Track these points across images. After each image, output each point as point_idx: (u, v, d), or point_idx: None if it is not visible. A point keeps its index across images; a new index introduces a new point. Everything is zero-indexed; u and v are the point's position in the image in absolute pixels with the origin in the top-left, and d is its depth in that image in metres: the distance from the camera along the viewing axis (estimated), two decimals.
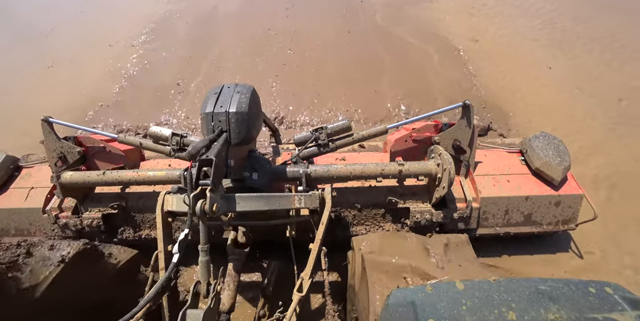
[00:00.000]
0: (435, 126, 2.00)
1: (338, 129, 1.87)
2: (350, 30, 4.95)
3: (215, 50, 4.75)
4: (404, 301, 0.94)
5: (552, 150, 2.05)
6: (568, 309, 0.82)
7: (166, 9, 5.79)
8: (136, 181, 1.89)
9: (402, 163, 1.81)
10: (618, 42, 4.38)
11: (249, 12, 5.59)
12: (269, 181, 1.73)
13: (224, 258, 1.64)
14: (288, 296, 1.36)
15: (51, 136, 1.95)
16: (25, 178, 2.25)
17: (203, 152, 1.37)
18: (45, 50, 5.09)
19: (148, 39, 5.11)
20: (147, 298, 1.22)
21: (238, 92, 1.59)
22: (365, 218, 2.05)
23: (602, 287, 0.87)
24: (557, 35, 4.64)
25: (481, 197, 1.97)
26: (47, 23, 5.69)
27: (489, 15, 5.16)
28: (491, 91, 3.82)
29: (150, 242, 2.05)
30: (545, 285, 0.89)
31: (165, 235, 1.50)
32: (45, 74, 4.56)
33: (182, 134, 1.88)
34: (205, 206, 1.26)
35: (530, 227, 2.08)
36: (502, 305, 0.85)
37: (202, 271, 1.33)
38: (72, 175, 1.92)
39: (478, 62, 4.26)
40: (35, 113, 2.17)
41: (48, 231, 2.11)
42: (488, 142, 2.35)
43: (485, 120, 3.28)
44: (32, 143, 3.03)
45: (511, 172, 2.11)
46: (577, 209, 2.06)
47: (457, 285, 0.93)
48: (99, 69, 4.54)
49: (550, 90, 3.79)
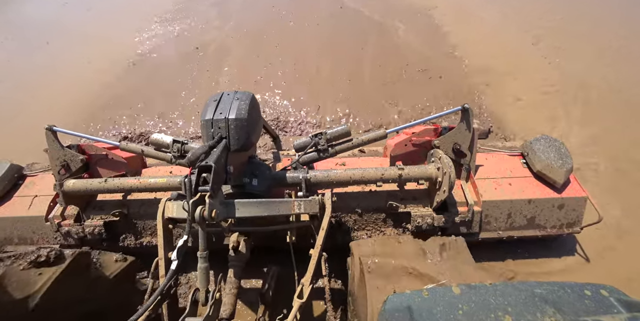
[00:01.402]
0: (434, 130, 2.00)
1: (337, 134, 1.88)
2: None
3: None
4: (401, 306, 0.93)
5: (553, 152, 2.04)
6: (564, 312, 0.81)
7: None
8: (138, 188, 1.91)
9: (402, 168, 1.80)
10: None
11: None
12: (269, 187, 1.74)
13: (223, 265, 1.63)
14: (288, 303, 1.35)
15: (55, 144, 1.98)
16: (29, 187, 2.28)
17: (202, 158, 1.39)
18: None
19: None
20: (146, 306, 1.22)
21: (237, 98, 1.61)
22: (366, 223, 2.04)
23: (598, 290, 0.87)
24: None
25: (483, 201, 1.95)
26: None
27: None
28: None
29: (152, 249, 2.05)
30: (541, 288, 0.89)
31: (166, 242, 1.50)
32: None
33: (183, 141, 1.90)
34: (204, 212, 1.26)
35: (534, 231, 2.05)
36: (498, 309, 0.85)
37: (201, 278, 1.33)
38: (74, 183, 1.94)
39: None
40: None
41: (51, 239, 2.12)
42: (489, 145, 2.34)
43: (485, 123, 3.28)
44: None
45: (513, 175, 2.09)
46: (581, 212, 2.03)
47: (454, 289, 0.93)
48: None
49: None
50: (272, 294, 1.69)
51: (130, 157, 2.15)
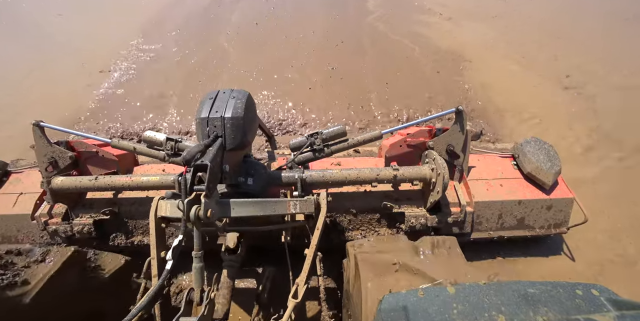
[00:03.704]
0: (429, 131, 2.03)
1: (333, 134, 1.88)
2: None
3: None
4: (396, 306, 0.94)
5: (543, 155, 2.09)
6: (556, 311, 0.83)
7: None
8: (129, 186, 1.87)
9: (397, 168, 1.82)
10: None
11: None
12: (265, 186, 1.73)
13: (218, 265, 1.62)
14: (283, 303, 1.34)
15: (42, 140, 1.91)
16: (13, 184, 2.20)
17: (198, 157, 1.37)
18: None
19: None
20: (139, 307, 1.20)
21: (233, 97, 1.59)
22: (361, 223, 2.05)
23: (589, 289, 0.89)
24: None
25: (475, 201, 1.99)
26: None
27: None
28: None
29: (143, 248, 2.01)
30: (534, 288, 0.91)
31: (159, 242, 1.48)
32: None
33: (177, 139, 1.87)
34: (199, 212, 1.25)
35: (523, 231, 2.10)
36: (492, 308, 0.86)
37: (195, 278, 1.31)
38: (63, 181, 1.89)
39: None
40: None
41: (37, 238, 2.06)
42: (481, 147, 2.38)
43: (477, 126, 3.34)
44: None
45: (504, 176, 2.14)
46: (568, 213, 2.09)
47: (449, 289, 0.94)
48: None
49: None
50: (267, 294, 1.68)
51: (121, 154, 2.10)
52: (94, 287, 1.66)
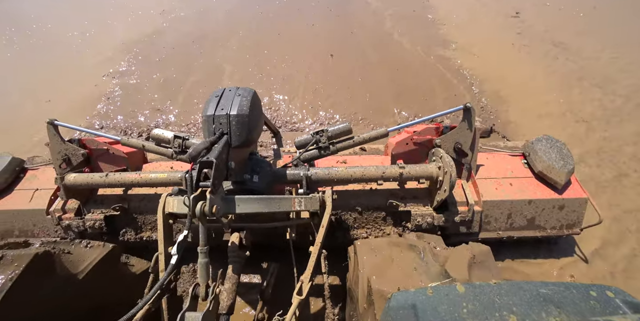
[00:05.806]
0: (436, 129, 2.00)
1: (339, 132, 1.87)
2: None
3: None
4: (405, 304, 0.93)
5: (555, 153, 2.03)
6: (569, 312, 0.80)
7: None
8: (138, 183, 1.91)
9: (403, 166, 1.80)
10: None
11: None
12: (270, 183, 1.74)
13: (223, 261, 1.64)
14: (287, 299, 1.35)
15: (56, 138, 1.97)
16: (30, 180, 2.28)
17: (204, 154, 1.38)
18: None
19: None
20: (145, 300, 1.22)
21: (239, 95, 1.60)
22: (366, 222, 2.04)
23: (603, 291, 0.86)
24: None
25: (483, 201, 1.95)
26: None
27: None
28: None
29: (152, 244, 2.06)
30: (547, 288, 0.88)
31: (166, 237, 1.51)
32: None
33: (184, 137, 1.89)
34: (205, 207, 1.26)
35: (534, 231, 2.05)
36: (503, 308, 0.84)
37: (201, 273, 1.33)
38: (75, 177, 1.94)
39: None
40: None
41: (51, 232, 2.13)
42: (490, 145, 2.33)
43: (488, 122, 3.26)
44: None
45: (514, 175, 2.09)
46: (581, 213, 2.03)
47: (458, 288, 0.93)
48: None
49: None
50: (271, 290, 1.69)
51: (131, 151, 2.15)
52: (76, 281, 1.64)
